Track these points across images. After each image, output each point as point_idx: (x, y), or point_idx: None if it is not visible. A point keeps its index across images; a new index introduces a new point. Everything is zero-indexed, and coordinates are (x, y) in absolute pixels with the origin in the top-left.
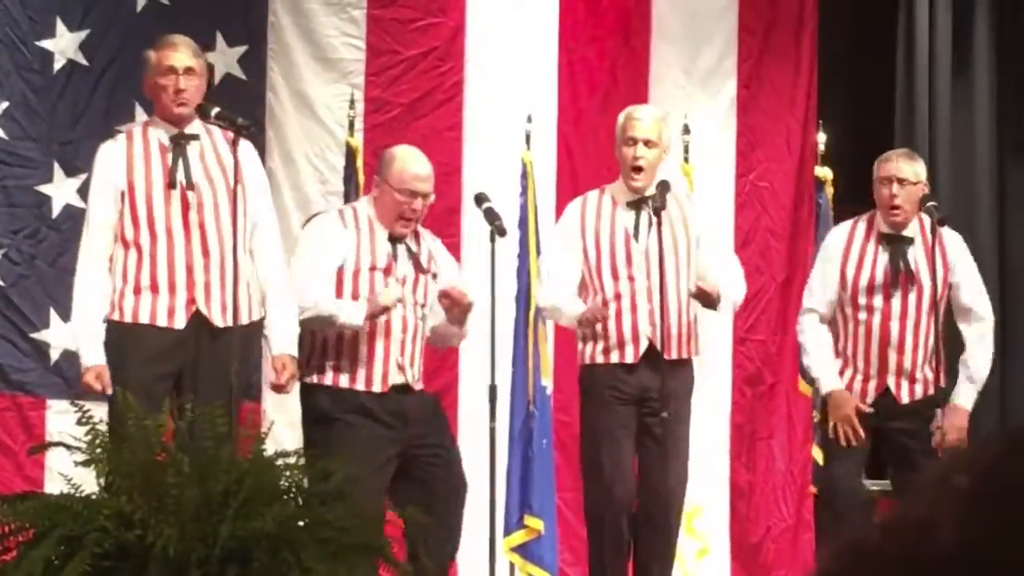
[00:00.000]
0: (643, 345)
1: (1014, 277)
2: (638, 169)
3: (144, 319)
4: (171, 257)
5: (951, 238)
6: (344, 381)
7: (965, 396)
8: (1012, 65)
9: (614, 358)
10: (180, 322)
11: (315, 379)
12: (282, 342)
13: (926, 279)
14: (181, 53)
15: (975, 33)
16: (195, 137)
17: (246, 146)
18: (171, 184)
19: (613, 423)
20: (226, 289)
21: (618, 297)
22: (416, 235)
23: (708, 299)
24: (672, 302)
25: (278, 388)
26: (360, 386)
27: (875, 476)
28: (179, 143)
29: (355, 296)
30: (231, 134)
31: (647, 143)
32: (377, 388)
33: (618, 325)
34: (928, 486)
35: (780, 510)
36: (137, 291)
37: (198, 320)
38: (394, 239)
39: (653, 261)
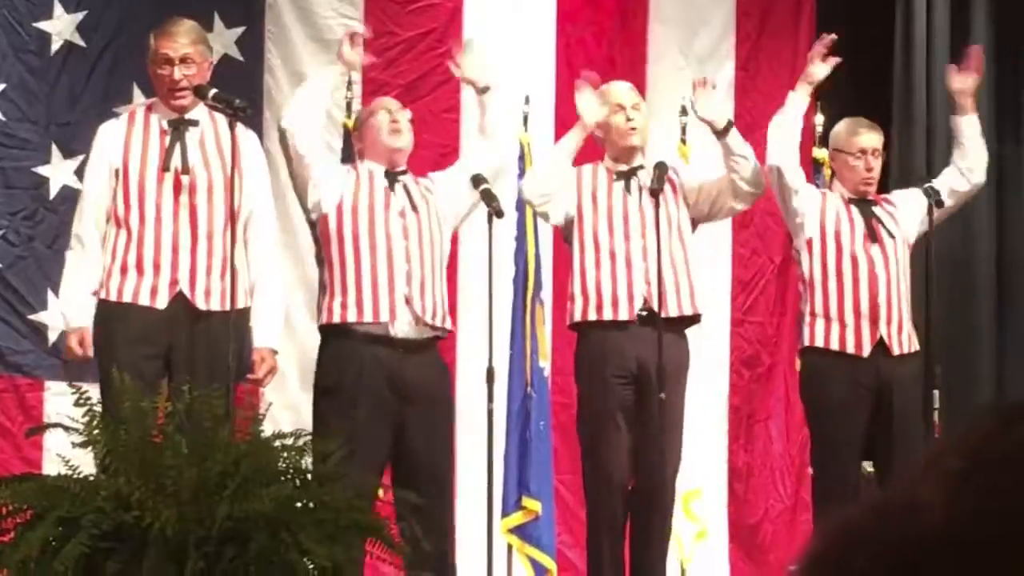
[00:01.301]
0: (638, 303)
1: (1012, 260)
2: (633, 130)
3: (128, 298)
4: (158, 238)
5: (893, 198)
6: (352, 316)
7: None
8: (1010, 48)
9: (607, 315)
10: (162, 302)
11: (325, 319)
12: (264, 335)
13: (898, 235)
14: (177, 42)
15: (973, 15)
16: (195, 123)
17: (248, 135)
18: (165, 167)
19: (612, 405)
20: (212, 273)
21: (612, 255)
22: (414, 180)
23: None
24: (667, 261)
25: (256, 382)
26: (368, 317)
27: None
28: (177, 128)
29: (354, 234)
30: (239, 124)
31: (634, 107)
32: (384, 317)
33: (612, 281)
34: (918, 468)
35: (778, 491)
36: (124, 270)
37: (181, 301)
38: (390, 176)
39: (649, 221)
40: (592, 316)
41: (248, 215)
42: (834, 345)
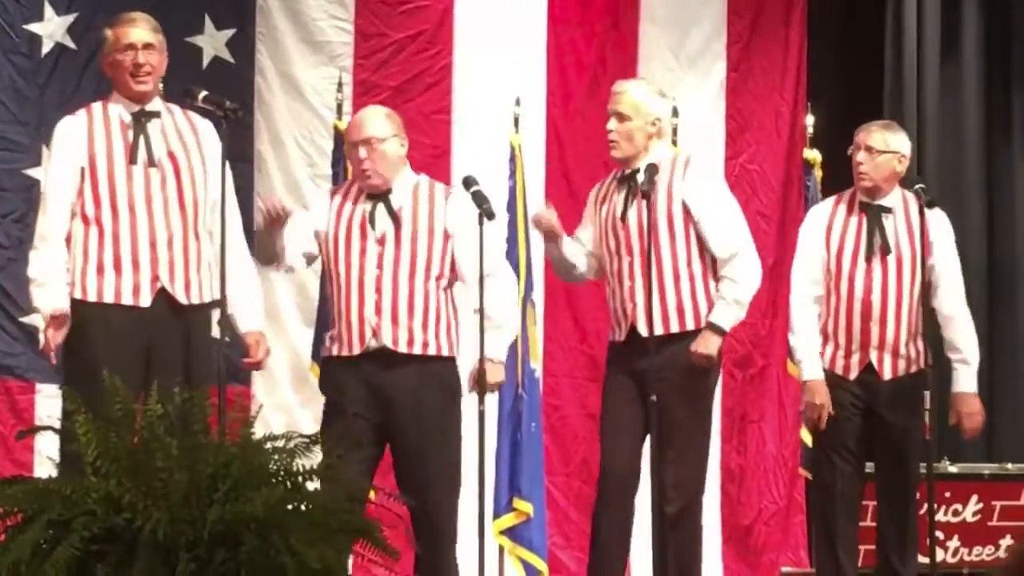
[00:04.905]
0: (626, 325)
1: (1002, 255)
2: (610, 142)
3: (109, 298)
4: (134, 234)
5: (936, 218)
6: (334, 349)
7: (965, 381)
8: (1000, 47)
9: (611, 337)
10: (146, 300)
11: (324, 352)
12: (253, 319)
13: (906, 250)
14: (139, 29)
15: (963, 15)
16: (156, 114)
17: (205, 123)
18: (132, 160)
19: (614, 394)
20: (189, 267)
21: (611, 276)
22: (415, 192)
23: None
24: (655, 279)
25: (255, 365)
26: (338, 351)
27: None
28: (139, 120)
29: (334, 259)
30: (192, 112)
31: (619, 116)
32: (348, 351)
33: (613, 305)
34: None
35: (771, 493)
36: (100, 270)
37: (163, 298)
38: (373, 198)
39: (634, 239)
40: (611, 339)
41: (213, 203)
42: (825, 362)
